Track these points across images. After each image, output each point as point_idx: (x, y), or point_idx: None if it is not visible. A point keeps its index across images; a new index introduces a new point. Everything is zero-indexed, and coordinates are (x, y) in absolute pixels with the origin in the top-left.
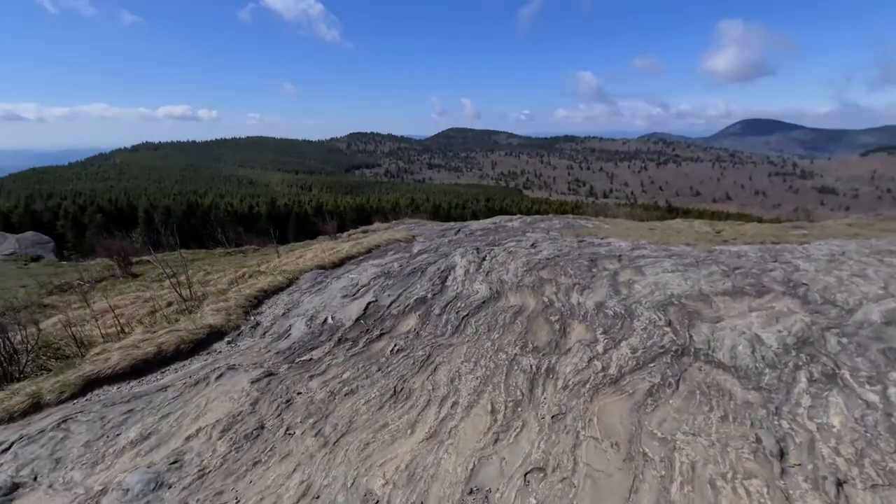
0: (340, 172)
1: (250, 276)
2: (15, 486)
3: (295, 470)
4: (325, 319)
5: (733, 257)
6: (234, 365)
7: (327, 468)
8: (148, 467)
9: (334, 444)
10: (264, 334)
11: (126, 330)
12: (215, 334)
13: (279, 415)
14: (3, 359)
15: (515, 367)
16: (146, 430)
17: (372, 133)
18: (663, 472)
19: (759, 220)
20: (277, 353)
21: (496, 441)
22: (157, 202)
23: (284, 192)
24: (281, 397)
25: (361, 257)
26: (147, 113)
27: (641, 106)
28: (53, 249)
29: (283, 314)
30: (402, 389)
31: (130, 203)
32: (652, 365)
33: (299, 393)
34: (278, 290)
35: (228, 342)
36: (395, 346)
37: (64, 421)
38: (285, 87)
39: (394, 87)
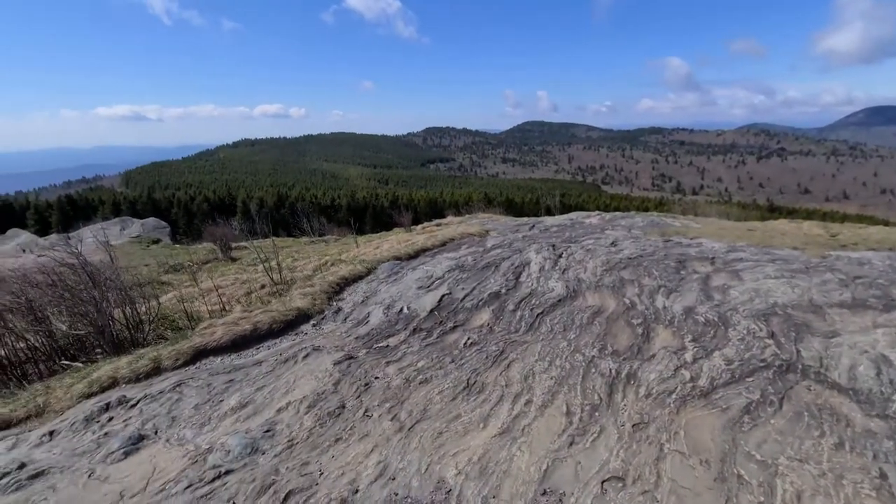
0: (415, 167)
1: (332, 265)
2: (141, 437)
3: (373, 450)
4: (401, 309)
5: (853, 265)
6: (319, 346)
7: (402, 452)
8: (246, 433)
9: (409, 429)
10: (345, 319)
11: (227, 308)
12: (302, 317)
13: (358, 396)
14: (131, 326)
15: (593, 370)
16: (244, 400)
17: (447, 128)
18: (762, 499)
19: (886, 224)
20: (357, 338)
21: (571, 444)
22: (252, 193)
23: (363, 185)
24: (360, 380)
25: (436, 250)
26: (246, 112)
27: (740, 94)
28: (169, 234)
29: (362, 302)
30: (474, 383)
31: (230, 194)
32: (750, 380)
33: (377, 377)
34: (358, 278)
35: (313, 325)
36: (469, 339)
37: (178, 385)
38: (365, 85)
39: (469, 82)
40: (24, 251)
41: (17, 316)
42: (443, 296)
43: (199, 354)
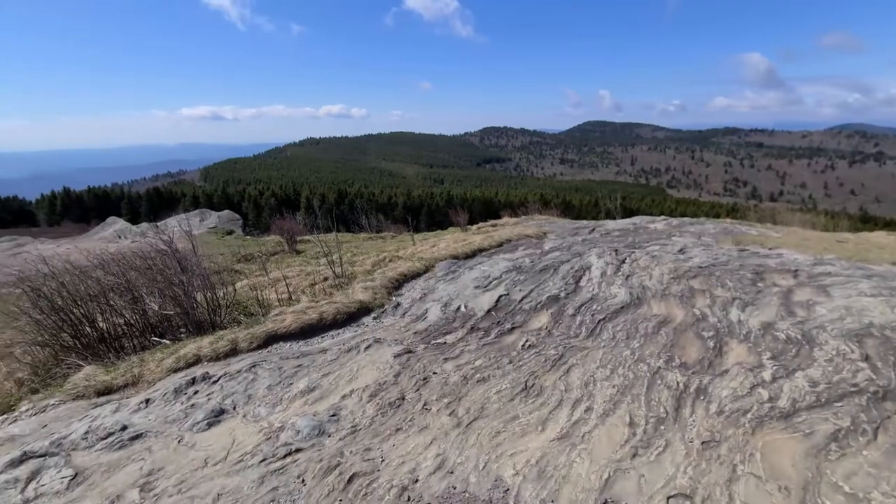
0: (471, 166)
1: (390, 261)
2: (222, 411)
3: (431, 443)
4: (459, 307)
5: None
6: (380, 339)
7: (460, 447)
8: (313, 416)
9: (467, 426)
10: (404, 314)
11: (293, 297)
12: (364, 310)
13: (417, 390)
14: (211, 309)
15: (659, 382)
16: (311, 384)
17: (504, 127)
18: None
19: None
20: (415, 333)
21: (634, 456)
22: (315, 190)
23: (419, 184)
24: (419, 374)
25: (492, 250)
26: (312, 112)
27: (830, 91)
28: (241, 225)
29: (420, 298)
30: (532, 385)
31: (295, 190)
32: (838, 405)
33: (435, 373)
34: (416, 275)
35: (374, 318)
36: (527, 341)
37: (253, 366)
38: (423, 85)
39: (527, 81)
40: (119, 237)
41: (117, 295)
42: (500, 296)
43: (271, 339)
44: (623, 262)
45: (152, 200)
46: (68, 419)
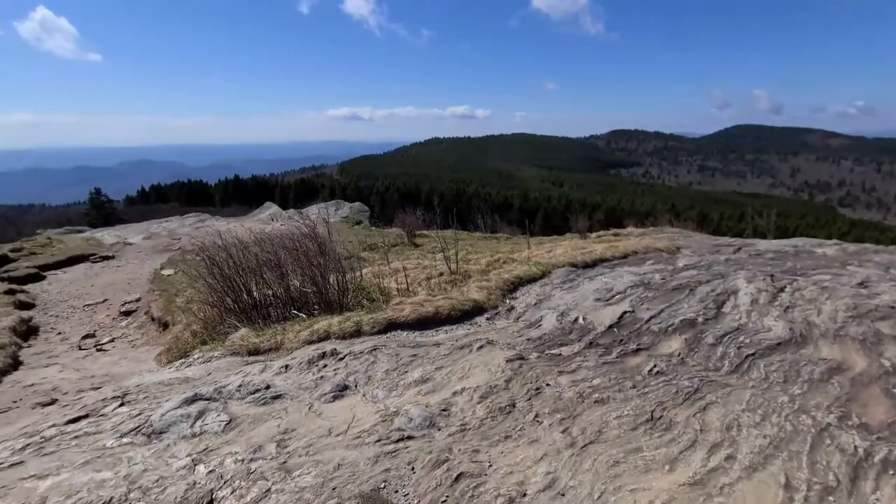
0: (595, 171)
1: (504, 262)
2: (345, 387)
3: (542, 458)
4: (576, 319)
5: None
6: (492, 341)
7: (574, 470)
8: (426, 407)
9: (581, 448)
10: (517, 319)
11: (411, 289)
12: (477, 309)
13: (529, 399)
14: (340, 291)
15: (828, 442)
16: (425, 375)
17: (635, 130)
18: None
19: None
20: (528, 339)
21: None
22: (435, 188)
23: (536, 186)
24: (531, 383)
25: (615, 261)
26: (438, 113)
27: None
28: (368, 217)
29: (535, 304)
30: (660, 417)
31: (417, 186)
32: None
33: (548, 384)
34: (531, 280)
35: (487, 318)
36: (655, 367)
37: (374, 349)
38: (548, 86)
39: (663, 81)
40: (272, 219)
41: (269, 269)
42: (624, 312)
43: (390, 326)
44: (781, 290)
45: (298, 189)
46: (227, 371)
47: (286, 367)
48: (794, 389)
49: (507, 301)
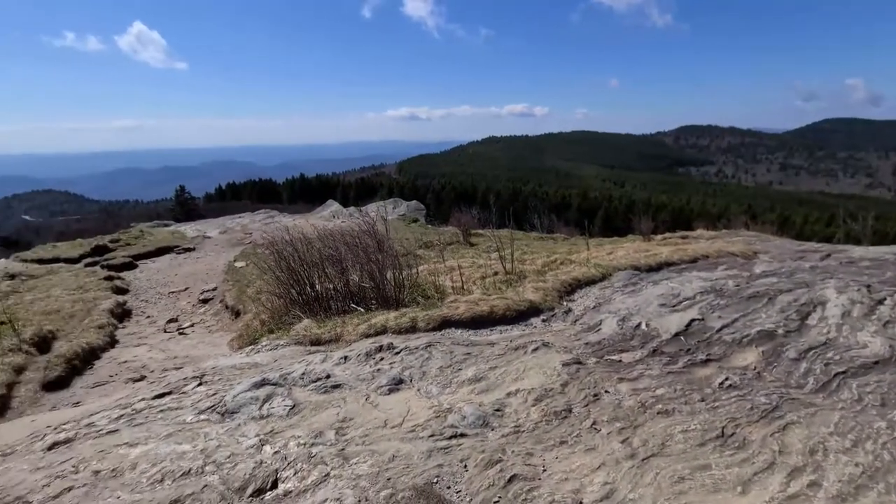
0: (661, 169)
1: (561, 263)
2: (400, 381)
3: (599, 468)
4: (639, 324)
5: None
6: (548, 343)
7: (633, 482)
8: (479, 406)
9: (643, 460)
10: (574, 322)
11: (465, 287)
12: (533, 310)
13: (586, 405)
14: (396, 287)
15: None
16: (479, 374)
17: (707, 126)
18: None
19: None
20: (586, 343)
21: None
22: (491, 187)
23: (597, 186)
24: (588, 389)
25: (683, 266)
26: (496, 111)
27: None
28: (424, 215)
29: (594, 307)
30: (732, 434)
31: (473, 185)
32: None
33: (607, 391)
34: (591, 282)
35: (543, 320)
36: (726, 379)
37: (429, 346)
38: (611, 83)
39: (741, 72)
40: (334, 217)
41: (330, 264)
42: (692, 320)
43: (445, 324)
44: (880, 302)
45: (358, 188)
46: (291, 359)
47: (345, 358)
48: (893, 414)
49: (564, 303)
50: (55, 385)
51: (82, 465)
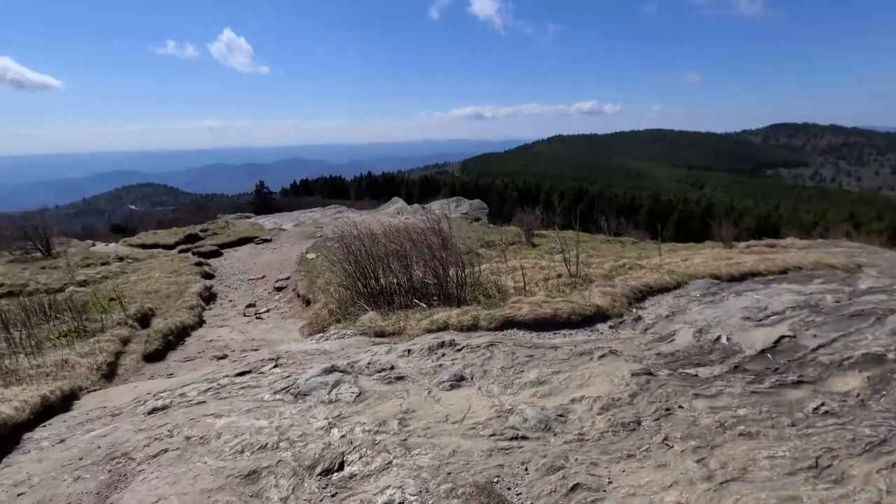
0: (746, 171)
1: (630, 268)
2: (462, 378)
3: (671, 486)
4: (718, 338)
5: None
6: (616, 351)
7: None
8: (541, 409)
9: (721, 483)
10: (645, 331)
11: (527, 288)
12: (599, 315)
13: (657, 419)
14: (458, 285)
15: None
16: (541, 377)
17: (804, 124)
18: None
19: None
20: (658, 354)
21: None
22: (555, 186)
23: (671, 187)
24: (660, 402)
25: (771, 277)
26: (564, 109)
27: None
28: (487, 214)
29: (667, 316)
30: (828, 466)
31: (536, 185)
32: None
33: (680, 406)
34: (664, 290)
35: (610, 326)
36: (822, 406)
37: (490, 345)
38: (689, 77)
39: (845, 64)
40: (398, 213)
41: (395, 259)
42: (781, 337)
43: (507, 324)
44: None
45: (422, 186)
46: (357, 348)
47: (408, 351)
48: None
49: (634, 310)
50: (153, 357)
51: (176, 430)
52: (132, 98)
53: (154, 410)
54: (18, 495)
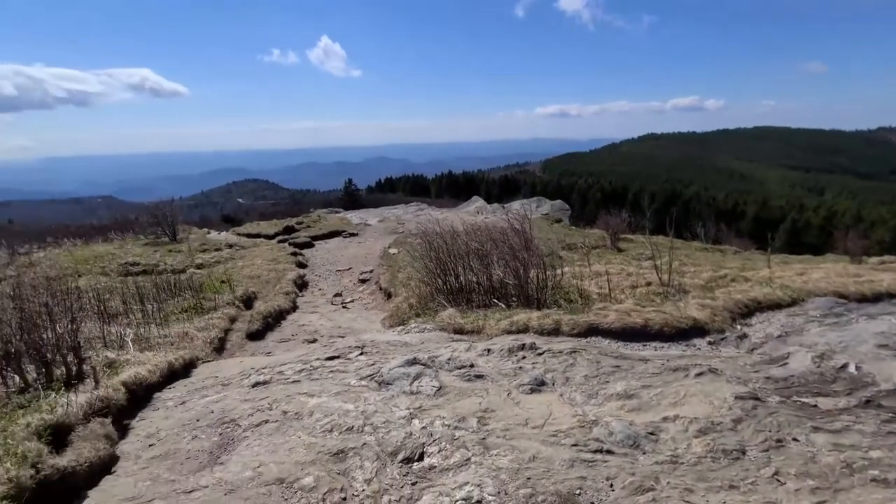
0: (881, 174)
1: (733, 280)
2: (542, 383)
3: None
4: (845, 366)
5: None
6: (716, 370)
7: None
8: (629, 424)
9: None
10: (751, 350)
11: (612, 295)
12: (697, 329)
13: (766, 451)
14: (539, 287)
15: None
16: (629, 391)
17: None
18: None
19: None
20: (767, 378)
21: None
22: (645, 188)
23: (782, 192)
24: (769, 431)
25: None
26: (657, 106)
27: None
28: (568, 216)
29: (779, 336)
30: None
31: (623, 186)
32: None
33: (795, 439)
34: (774, 306)
35: (709, 343)
36: None
37: (573, 351)
38: (811, 67)
39: None
40: (478, 212)
41: (475, 258)
42: None
43: (591, 331)
44: None
45: (501, 185)
46: (436, 343)
47: (488, 350)
48: None
49: (738, 326)
50: (255, 336)
51: (275, 404)
52: (242, 102)
53: (257, 384)
54: (149, 446)
